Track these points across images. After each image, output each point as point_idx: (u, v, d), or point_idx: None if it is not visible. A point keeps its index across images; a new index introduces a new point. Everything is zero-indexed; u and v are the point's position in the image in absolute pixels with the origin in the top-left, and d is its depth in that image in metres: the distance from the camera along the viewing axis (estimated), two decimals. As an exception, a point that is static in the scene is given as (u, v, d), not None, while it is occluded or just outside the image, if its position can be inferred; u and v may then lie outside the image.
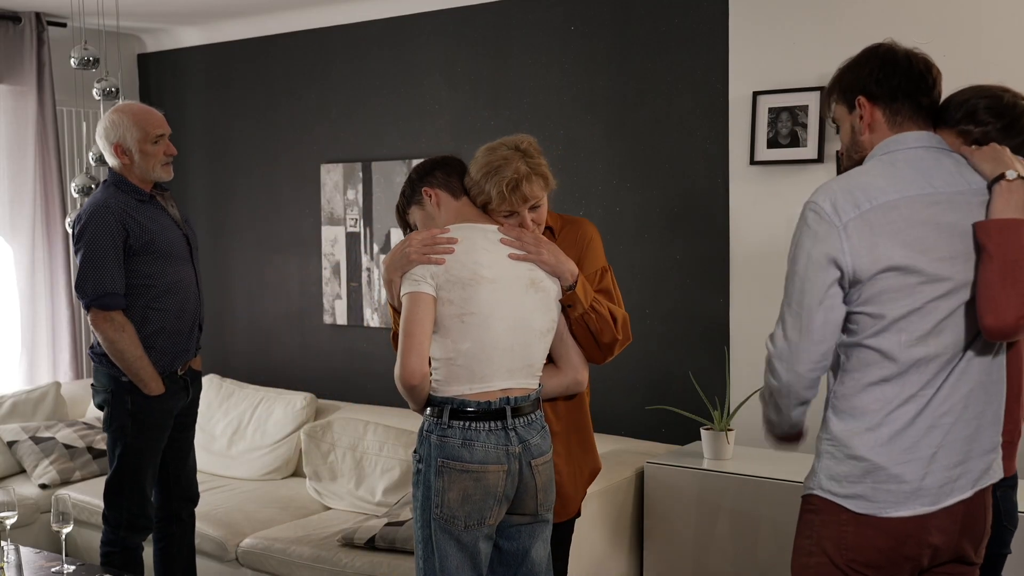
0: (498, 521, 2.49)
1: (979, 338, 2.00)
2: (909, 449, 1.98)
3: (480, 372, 2.45)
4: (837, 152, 2.26)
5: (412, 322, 2.43)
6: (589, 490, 2.94)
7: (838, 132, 2.21)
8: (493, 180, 2.51)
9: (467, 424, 2.43)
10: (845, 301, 2.00)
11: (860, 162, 2.11)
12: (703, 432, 3.74)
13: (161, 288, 3.43)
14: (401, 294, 2.48)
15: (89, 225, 3.34)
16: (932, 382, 1.98)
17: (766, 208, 3.92)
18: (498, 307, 2.45)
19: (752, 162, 3.96)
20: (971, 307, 1.98)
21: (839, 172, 2.19)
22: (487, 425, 2.43)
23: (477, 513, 2.43)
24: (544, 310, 2.51)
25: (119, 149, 3.42)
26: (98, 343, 3.43)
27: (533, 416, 2.50)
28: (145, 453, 3.48)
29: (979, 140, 2.11)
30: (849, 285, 1.98)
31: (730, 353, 4.01)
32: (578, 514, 2.77)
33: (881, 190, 1.98)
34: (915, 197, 1.97)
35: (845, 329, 2.03)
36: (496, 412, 2.44)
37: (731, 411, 3.76)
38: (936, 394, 1.99)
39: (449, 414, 2.44)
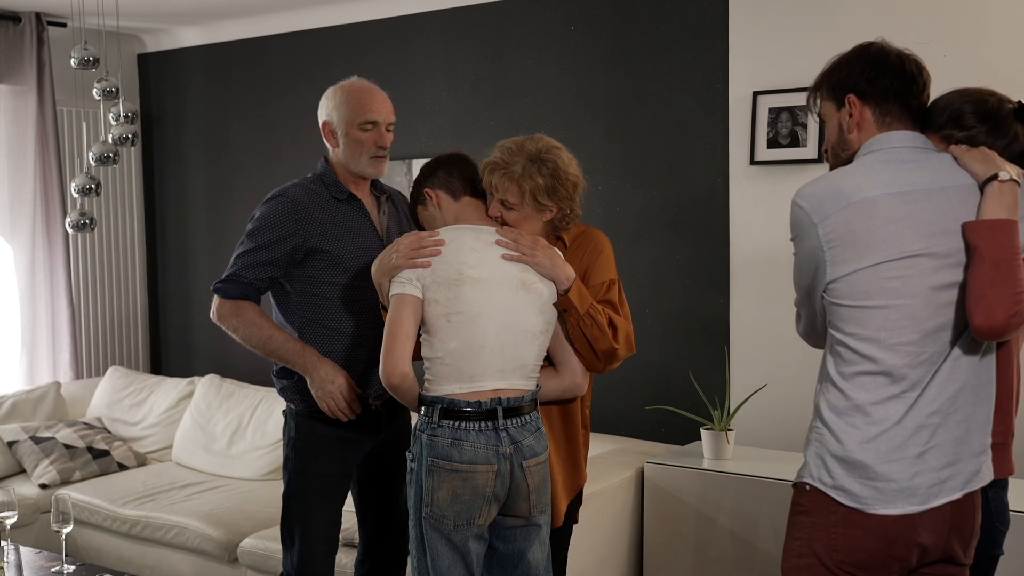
0: (488, 521, 2.49)
1: (965, 338, 2.01)
2: (896, 448, 1.99)
3: (469, 371, 2.45)
4: (823, 150, 2.26)
5: (394, 323, 2.46)
6: (589, 491, 2.93)
7: (822, 127, 2.22)
8: (494, 152, 2.58)
9: (457, 424, 2.43)
10: (827, 296, 2.04)
11: (847, 160, 2.13)
12: (703, 432, 3.74)
13: (336, 301, 2.87)
14: (389, 295, 2.51)
15: (259, 209, 2.92)
16: (919, 382, 2.00)
17: (766, 208, 3.93)
18: (486, 307, 2.45)
19: (752, 162, 3.96)
20: (953, 305, 1.99)
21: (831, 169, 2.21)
22: (477, 425, 2.43)
23: (466, 513, 2.43)
24: (537, 311, 2.50)
25: (326, 129, 2.93)
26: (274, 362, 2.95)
27: (528, 417, 2.49)
28: (310, 491, 2.90)
29: (965, 143, 2.11)
30: (828, 282, 2.02)
31: (730, 353, 4.01)
32: (575, 520, 2.77)
33: (859, 188, 2.00)
34: (894, 194, 1.99)
35: (829, 323, 2.07)
36: (487, 412, 2.44)
37: (731, 411, 3.77)
38: (923, 394, 2.00)
39: (439, 413, 2.45)
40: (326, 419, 2.87)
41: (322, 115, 2.95)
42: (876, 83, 2.07)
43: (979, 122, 2.13)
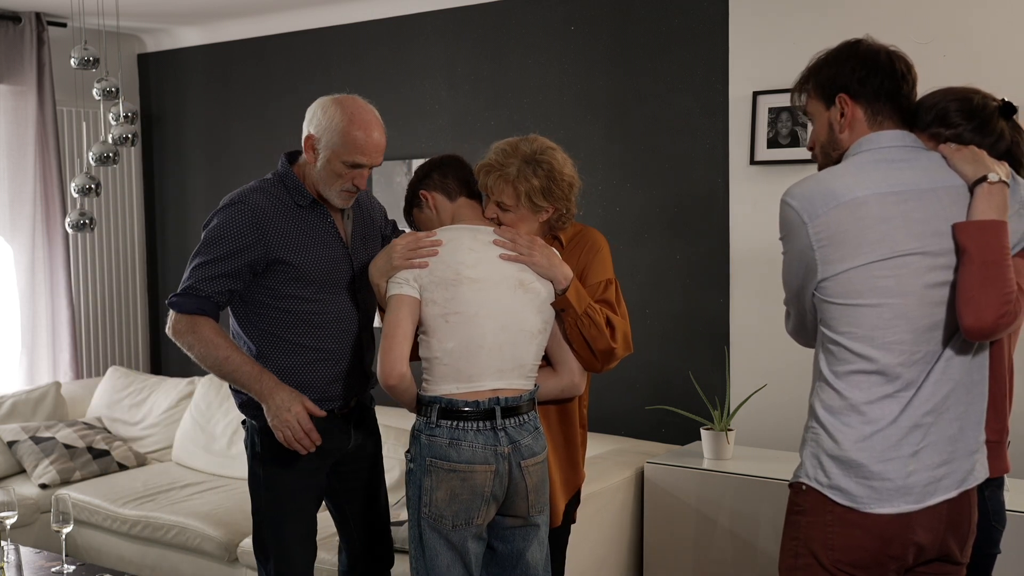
0: (487, 521, 2.49)
1: (958, 337, 2.01)
2: (891, 447, 1.99)
3: (467, 371, 2.45)
4: (809, 147, 2.25)
5: (392, 323, 2.46)
6: (589, 491, 2.93)
7: (809, 124, 2.22)
8: (488, 154, 2.59)
9: (455, 424, 2.43)
10: (818, 295, 2.04)
11: (837, 160, 2.13)
12: (703, 432, 3.74)
13: (298, 315, 2.72)
14: (386, 296, 2.51)
15: (216, 217, 2.71)
16: (913, 381, 2.00)
17: (766, 208, 3.92)
18: (483, 307, 2.45)
19: (752, 162, 3.96)
20: (945, 304, 1.99)
21: (819, 169, 2.21)
22: (475, 425, 2.43)
23: (464, 513, 2.43)
24: (535, 311, 2.51)
25: (310, 143, 2.69)
26: None
27: (526, 417, 2.50)
28: (281, 506, 2.79)
29: (952, 141, 2.11)
30: (820, 280, 2.01)
31: (730, 353, 4.01)
32: (573, 520, 2.77)
33: (849, 187, 2.00)
34: (885, 194, 1.99)
35: (821, 321, 2.07)
36: (485, 412, 2.44)
37: (731, 411, 3.76)
38: (917, 393, 2.00)
39: (438, 413, 2.45)
40: None
41: (309, 126, 2.70)
42: (867, 82, 2.07)
43: (965, 120, 2.13)
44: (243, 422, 2.91)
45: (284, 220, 2.71)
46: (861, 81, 2.07)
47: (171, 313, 2.71)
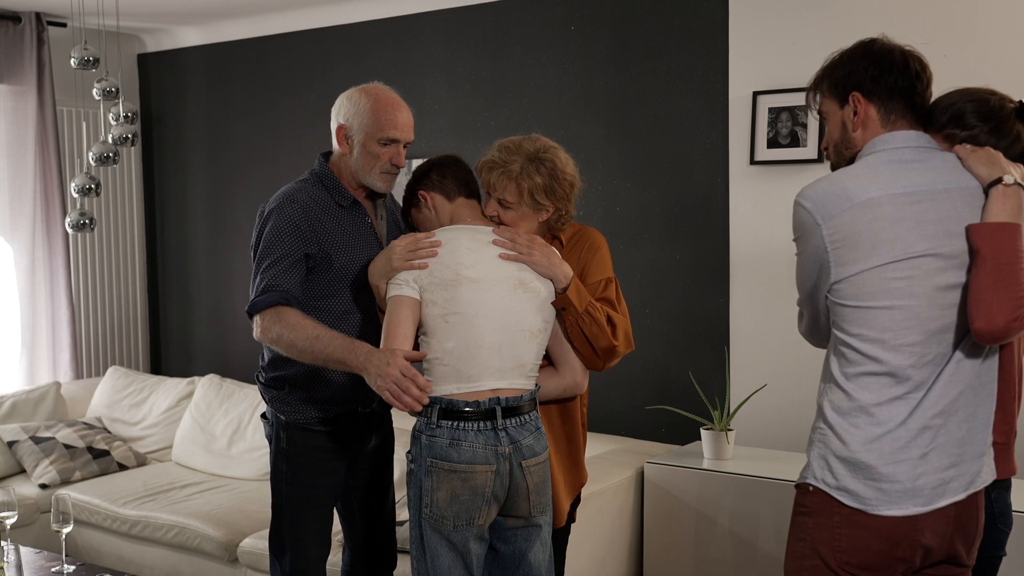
0: (488, 522, 2.49)
1: (967, 340, 2.00)
2: (900, 449, 1.99)
3: (467, 372, 2.45)
4: (823, 147, 2.25)
5: (391, 324, 2.47)
6: (589, 491, 2.92)
7: (822, 123, 2.21)
8: (491, 151, 2.60)
9: (456, 424, 2.43)
10: (831, 297, 2.03)
11: (851, 159, 2.12)
12: (703, 432, 3.74)
13: (336, 313, 2.74)
14: (386, 297, 2.51)
15: (270, 220, 2.74)
16: (923, 383, 1.99)
17: (766, 208, 3.93)
18: (483, 307, 2.46)
19: (752, 162, 3.96)
20: (956, 307, 1.99)
21: (832, 168, 2.21)
22: (476, 425, 2.43)
23: (466, 513, 2.43)
24: (535, 310, 2.51)
25: (342, 132, 2.76)
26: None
27: (528, 417, 2.49)
28: (302, 501, 2.86)
29: (967, 143, 2.10)
30: (833, 282, 2.01)
31: (730, 353, 4.01)
32: (573, 520, 2.77)
33: (863, 188, 1.99)
34: (899, 195, 1.98)
35: (833, 324, 2.06)
36: (486, 412, 2.44)
37: (731, 411, 3.77)
38: (927, 395, 1.99)
39: (438, 414, 2.45)
40: (320, 429, 2.81)
41: (339, 117, 2.77)
42: (881, 81, 2.05)
43: (981, 121, 2.12)
44: (263, 415, 2.95)
45: (329, 219, 2.76)
46: (874, 79, 2.06)
47: (255, 319, 2.68)
